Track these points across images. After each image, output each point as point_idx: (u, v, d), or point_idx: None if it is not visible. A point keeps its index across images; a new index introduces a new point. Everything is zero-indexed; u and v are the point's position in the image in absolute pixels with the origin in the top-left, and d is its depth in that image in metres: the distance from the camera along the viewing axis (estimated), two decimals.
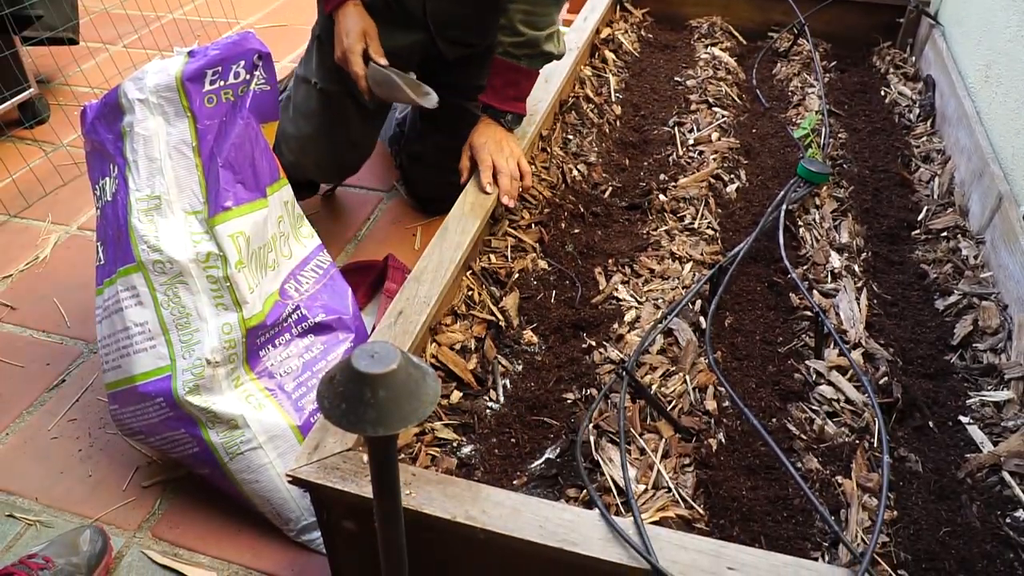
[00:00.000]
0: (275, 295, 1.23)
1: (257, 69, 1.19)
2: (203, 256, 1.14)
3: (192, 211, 1.15)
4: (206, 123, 1.16)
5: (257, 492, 1.18)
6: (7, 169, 2.10)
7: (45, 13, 2.11)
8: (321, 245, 1.35)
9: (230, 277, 1.14)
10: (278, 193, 1.26)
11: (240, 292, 1.15)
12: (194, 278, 1.14)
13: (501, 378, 1.19)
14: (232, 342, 1.15)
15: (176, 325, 1.14)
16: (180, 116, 1.15)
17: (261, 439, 1.16)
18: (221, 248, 1.14)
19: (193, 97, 1.14)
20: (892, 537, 0.96)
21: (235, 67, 1.16)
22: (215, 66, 1.15)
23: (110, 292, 1.18)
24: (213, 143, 1.16)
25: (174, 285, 1.14)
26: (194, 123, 1.15)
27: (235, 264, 1.15)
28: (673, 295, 1.32)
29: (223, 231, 1.14)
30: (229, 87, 1.17)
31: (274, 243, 1.25)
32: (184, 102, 1.14)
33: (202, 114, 1.15)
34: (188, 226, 1.15)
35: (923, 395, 1.15)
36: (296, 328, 1.25)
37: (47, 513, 1.26)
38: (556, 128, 1.76)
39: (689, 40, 2.30)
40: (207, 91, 1.15)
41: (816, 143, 1.72)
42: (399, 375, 0.57)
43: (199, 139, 1.15)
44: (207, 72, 1.14)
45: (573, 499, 0.99)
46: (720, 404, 1.13)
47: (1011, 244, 1.31)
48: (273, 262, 1.24)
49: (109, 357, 1.19)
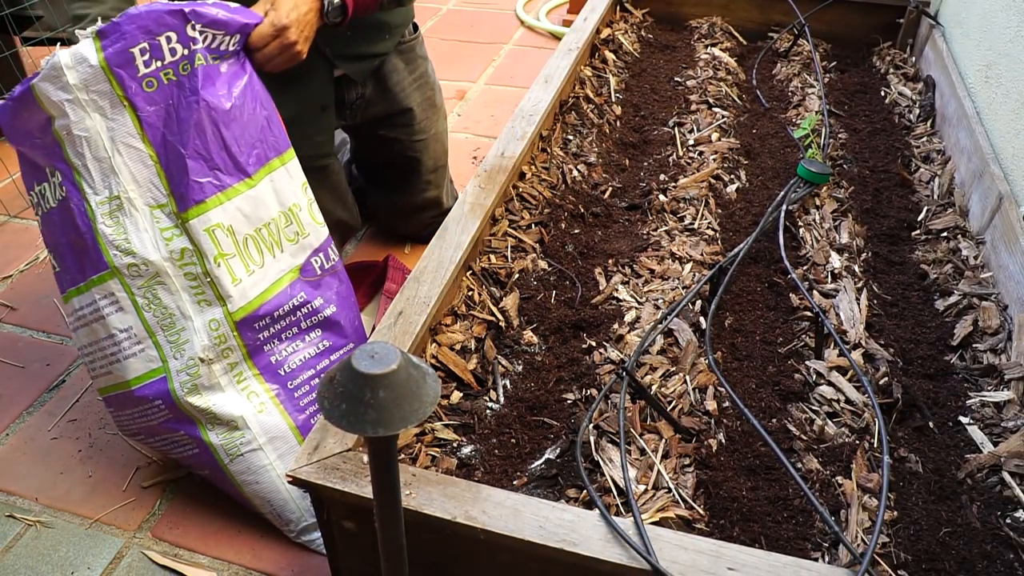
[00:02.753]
0: (293, 272, 1.17)
1: (197, 43, 1.06)
2: (177, 253, 1.09)
3: (156, 205, 1.09)
4: (149, 110, 1.06)
5: (257, 493, 1.18)
6: (7, 169, 2.10)
7: (45, 13, 2.11)
8: (330, 237, 1.30)
9: (209, 272, 1.10)
10: (284, 168, 1.18)
11: (222, 287, 1.10)
12: (171, 277, 1.09)
13: (501, 378, 1.19)
14: (222, 337, 1.12)
15: (161, 327, 1.11)
16: (118, 107, 1.06)
17: (261, 440, 1.16)
18: (197, 243, 1.09)
19: (127, 84, 1.04)
20: (892, 537, 0.96)
21: (165, 43, 1.05)
22: (138, 43, 1.03)
23: (82, 300, 1.13)
24: (164, 130, 1.07)
25: (152, 287, 1.10)
26: (134, 112, 1.06)
27: (214, 259, 1.10)
28: (673, 295, 1.32)
29: (198, 225, 1.09)
30: (169, 66, 1.06)
31: (286, 219, 1.18)
32: (119, 91, 1.05)
33: (142, 101, 1.06)
34: (155, 222, 1.09)
35: (923, 395, 1.15)
36: (305, 322, 1.21)
37: (47, 513, 1.26)
38: (556, 128, 1.76)
39: (689, 40, 2.30)
40: (144, 75, 1.05)
41: (816, 143, 1.72)
42: (399, 375, 0.57)
43: (144, 128, 1.07)
44: (135, 53, 1.04)
45: (573, 499, 0.99)
46: (720, 404, 1.13)
47: (1011, 244, 1.31)
48: (292, 236, 1.17)
49: (96, 364, 1.17)
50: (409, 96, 1.65)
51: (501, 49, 2.88)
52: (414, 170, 1.73)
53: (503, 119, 2.37)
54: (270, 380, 1.18)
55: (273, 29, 1.15)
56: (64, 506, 1.27)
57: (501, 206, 1.48)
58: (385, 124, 1.66)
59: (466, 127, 2.37)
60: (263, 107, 1.16)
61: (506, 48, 2.89)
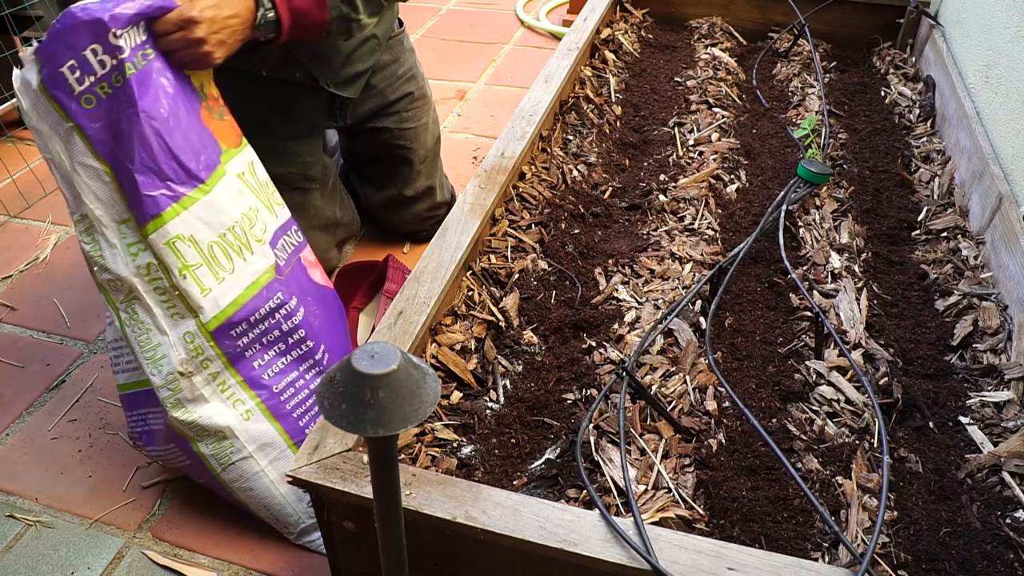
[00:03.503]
0: (268, 273, 1.16)
1: (123, 52, 1.00)
2: (144, 268, 1.07)
3: (122, 220, 1.07)
4: (94, 127, 1.02)
5: (253, 499, 1.18)
6: (7, 169, 2.10)
7: (45, 13, 2.11)
8: (292, 218, 1.26)
9: (176, 286, 1.08)
10: (230, 163, 1.14)
11: (192, 299, 1.08)
12: (142, 293, 1.08)
13: (501, 378, 1.19)
14: (199, 348, 1.10)
15: (138, 343, 1.09)
16: (66, 129, 1.03)
17: (250, 448, 1.15)
18: (160, 258, 1.07)
19: (67, 104, 1.01)
20: (892, 537, 0.96)
21: (92, 56, 0.99)
22: (66, 62, 0.98)
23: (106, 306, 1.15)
24: (113, 144, 1.03)
25: (131, 302, 1.09)
26: (81, 132, 1.02)
27: (179, 271, 1.07)
28: (673, 295, 1.32)
29: (158, 240, 1.06)
30: (102, 80, 1.01)
31: (249, 219, 1.15)
32: (61, 113, 1.01)
33: (85, 119, 1.02)
34: (123, 237, 1.07)
35: (923, 395, 1.15)
36: (286, 323, 1.18)
37: (47, 513, 1.26)
38: (556, 128, 1.76)
39: (689, 40, 2.30)
40: (80, 92, 1.00)
41: (816, 143, 1.72)
42: (399, 375, 0.57)
43: (94, 144, 1.03)
44: (65, 73, 0.99)
45: (573, 499, 0.99)
46: (720, 404, 1.13)
47: (1011, 244, 1.31)
48: (260, 235, 1.15)
49: (116, 361, 1.20)
50: (397, 90, 1.67)
51: (501, 49, 2.88)
52: (406, 160, 1.73)
53: (503, 119, 2.37)
54: (254, 387, 1.16)
55: (179, 19, 1.06)
56: (64, 506, 1.27)
57: (501, 206, 1.48)
58: (376, 117, 1.67)
59: (466, 127, 2.37)
60: (191, 106, 1.11)
61: (506, 48, 2.89)
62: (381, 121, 1.68)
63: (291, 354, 1.20)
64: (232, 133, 1.17)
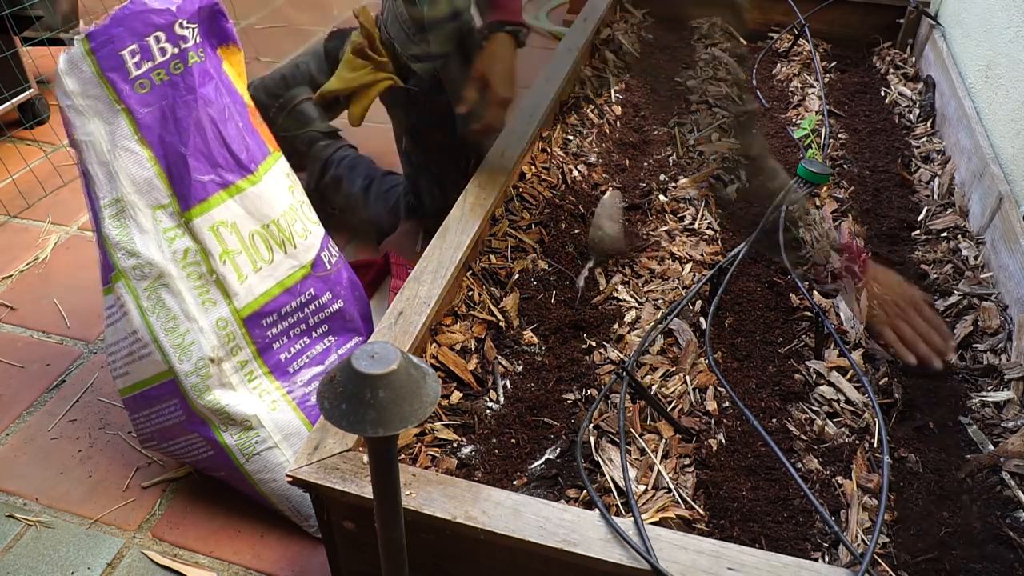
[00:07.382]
0: (305, 269, 1.18)
1: (187, 41, 1.05)
2: (180, 254, 1.09)
3: (158, 206, 1.09)
4: (143, 112, 1.06)
5: (275, 491, 1.18)
6: (7, 169, 2.10)
7: (45, 13, 2.11)
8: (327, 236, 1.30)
9: (215, 271, 1.10)
10: (278, 163, 1.19)
11: (228, 285, 1.11)
12: (174, 278, 1.09)
13: (501, 378, 1.19)
14: (231, 335, 1.12)
15: (164, 330, 1.10)
16: (114, 112, 1.06)
17: (276, 438, 1.16)
18: (201, 242, 1.09)
19: (120, 87, 1.04)
20: (892, 538, 0.96)
21: (154, 43, 1.04)
22: (128, 45, 1.02)
23: (108, 300, 1.15)
24: (161, 131, 1.07)
25: (156, 289, 1.09)
26: (129, 115, 1.06)
27: (219, 256, 1.10)
28: (673, 295, 1.32)
29: (201, 224, 1.08)
30: (160, 67, 1.05)
31: (291, 215, 1.18)
32: (112, 95, 1.04)
33: (136, 103, 1.05)
34: (158, 223, 1.09)
35: (923, 396, 1.15)
36: (314, 318, 1.21)
37: (47, 513, 1.26)
38: (556, 128, 1.76)
39: (689, 40, 2.30)
40: (135, 77, 1.04)
41: (816, 143, 1.72)
42: (399, 375, 0.57)
43: (141, 130, 1.07)
44: (125, 56, 1.03)
45: (573, 500, 0.99)
46: (720, 404, 1.13)
47: (1011, 244, 1.31)
48: (302, 232, 1.18)
49: (117, 364, 1.18)
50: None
51: None
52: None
53: None
54: (280, 378, 1.18)
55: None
56: (64, 506, 1.27)
57: (501, 206, 1.48)
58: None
59: None
60: (242, 106, 1.16)
61: None
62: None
63: (318, 346, 1.22)
64: (272, 140, 1.21)
